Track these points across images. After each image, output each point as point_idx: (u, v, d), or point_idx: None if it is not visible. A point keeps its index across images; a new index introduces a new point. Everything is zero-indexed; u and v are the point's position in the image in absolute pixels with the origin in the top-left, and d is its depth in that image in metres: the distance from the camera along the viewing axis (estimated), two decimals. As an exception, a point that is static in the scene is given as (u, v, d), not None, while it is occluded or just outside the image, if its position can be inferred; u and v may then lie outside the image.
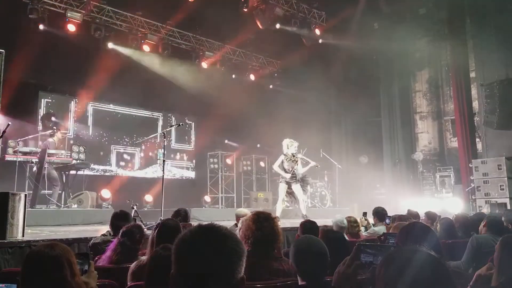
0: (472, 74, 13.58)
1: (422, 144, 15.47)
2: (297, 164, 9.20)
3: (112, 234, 4.54)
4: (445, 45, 14.38)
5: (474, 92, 13.55)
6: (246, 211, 5.27)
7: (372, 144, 15.28)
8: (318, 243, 2.52)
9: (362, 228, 6.27)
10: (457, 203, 12.22)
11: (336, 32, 14.39)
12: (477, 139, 13.41)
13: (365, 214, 6.77)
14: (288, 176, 9.17)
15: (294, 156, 9.16)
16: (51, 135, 10.07)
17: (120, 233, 3.69)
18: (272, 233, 3.07)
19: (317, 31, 14.14)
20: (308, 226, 4.13)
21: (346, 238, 5.13)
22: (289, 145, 9.19)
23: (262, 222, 3.07)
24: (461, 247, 4.38)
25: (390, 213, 6.36)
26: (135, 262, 3.17)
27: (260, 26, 12.98)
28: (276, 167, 9.38)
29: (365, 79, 15.12)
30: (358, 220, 6.13)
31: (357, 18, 14.10)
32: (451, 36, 13.63)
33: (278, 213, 8.79)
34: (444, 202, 12.64)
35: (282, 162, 9.25)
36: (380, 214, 6.35)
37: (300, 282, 2.44)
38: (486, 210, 10.35)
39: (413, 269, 1.33)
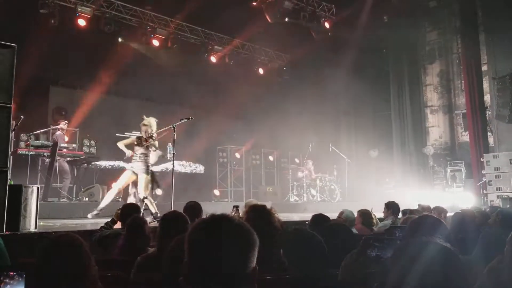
0: (484, 67, 13.43)
1: (433, 138, 15.36)
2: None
3: (110, 226, 4.73)
4: (456, 38, 14.25)
5: (486, 85, 13.40)
6: (255, 202, 5.30)
7: (381, 138, 15.23)
8: (306, 237, 2.50)
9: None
10: (468, 198, 12.14)
11: (346, 25, 14.29)
12: (489, 133, 13.30)
13: (371, 209, 6.74)
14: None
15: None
16: (62, 129, 10.17)
17: (125, 228, 3.77)
18: (269, 223, 3.12)
19: (327, 24, 14.02)
20: (321, 220, 4.13)
21: (355, 231, 5.14)
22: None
23: (259, 214, 3.11)
24: (472, 242, 4.35)
25: (400, 207, 6.33)
26: (142, 255, 3.21)
27: (269, 20, 12.93)
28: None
29: (375, 72, 15.04)
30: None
31: (366, 11, 13.99)
32: (462, 28, 13.51)
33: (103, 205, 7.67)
34: (455, 196, 12.57)
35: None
36: (394, 207, 6.29)
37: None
38: (498, 204, 10.27)
39: (424, 260, 1.33)
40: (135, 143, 7.89)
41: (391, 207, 6.25)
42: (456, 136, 15.05)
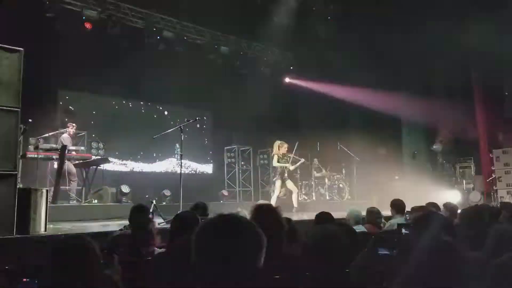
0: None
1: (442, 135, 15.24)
2: (288, 163, 10.83)
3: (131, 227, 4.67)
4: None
5: (494, 81, 13.28)
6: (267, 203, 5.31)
7: (390, 136, 15.12)
8: (333, 235, 2.49)
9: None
10: (478, 194, 12.06)
11: (351, 21, 14.19)
12: (498, 129, 13.18)
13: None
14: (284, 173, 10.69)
15: (284, 156, 10.82)
16: (69, 132, 10.22)
17: (131, 228, 3.81)
18: (276, 222, 3.13)
19: (331, 21, 13.96)
20: (324, 217, 4.13)
21: (365, 230, 5.12)
22: (280, 146, 10.79)
23: (265, 213, 3.13)
24: (482, 238, 4.32)
25: (410, 205, 6.28)
26: (154, 255, 3.23)
27: (274, 19, 12.93)
28: (276, 163, 10.85)
29: (382, 69, 14.90)
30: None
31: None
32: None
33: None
34: (465, 193, 12.49)
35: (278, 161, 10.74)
36: (398, 206, 6.25)
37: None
38: (508, 200, 10.20)
39: (430, 257, 1.32)
40: None
41: (396, 206, 6.21)
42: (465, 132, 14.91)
